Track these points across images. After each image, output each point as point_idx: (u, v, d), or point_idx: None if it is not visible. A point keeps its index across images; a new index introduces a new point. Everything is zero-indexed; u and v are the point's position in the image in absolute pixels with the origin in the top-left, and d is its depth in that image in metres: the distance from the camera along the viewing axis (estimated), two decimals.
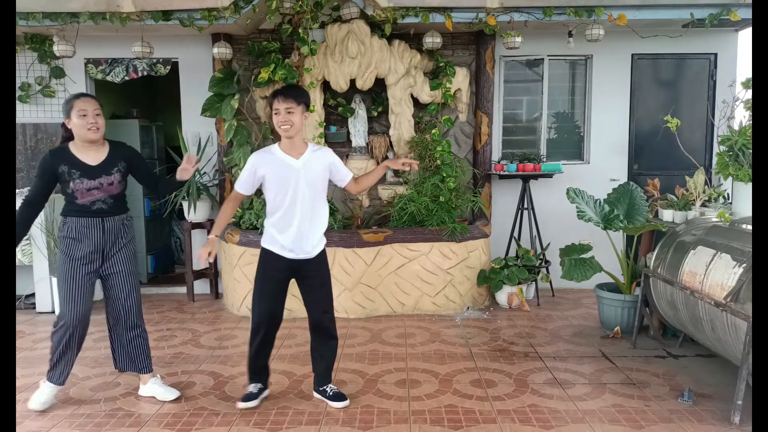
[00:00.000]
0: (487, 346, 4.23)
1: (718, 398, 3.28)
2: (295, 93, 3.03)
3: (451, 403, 3.26)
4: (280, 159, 3.05)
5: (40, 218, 5.14)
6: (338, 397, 3.24)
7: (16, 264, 5.24)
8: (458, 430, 2.93)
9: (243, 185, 3.11)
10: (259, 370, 3.28)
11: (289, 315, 4.93)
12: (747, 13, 4.91)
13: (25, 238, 5.18)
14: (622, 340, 4.33)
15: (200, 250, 3.02)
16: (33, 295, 5.36)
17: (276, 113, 3.00)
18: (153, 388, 3.35)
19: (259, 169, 3.06)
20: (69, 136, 3.16)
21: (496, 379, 3.59)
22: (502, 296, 5.25)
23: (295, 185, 3.02)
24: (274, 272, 3.13)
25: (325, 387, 3.29)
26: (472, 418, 3.07)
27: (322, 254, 3.19)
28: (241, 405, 3.20)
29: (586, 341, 4.34)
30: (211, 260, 3.03)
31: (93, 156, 3.14)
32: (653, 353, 4.05)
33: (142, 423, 3.05)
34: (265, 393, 3.32)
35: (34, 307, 5.33)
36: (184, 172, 3.23)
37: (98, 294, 3.99)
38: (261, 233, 3.45)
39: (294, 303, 4.94)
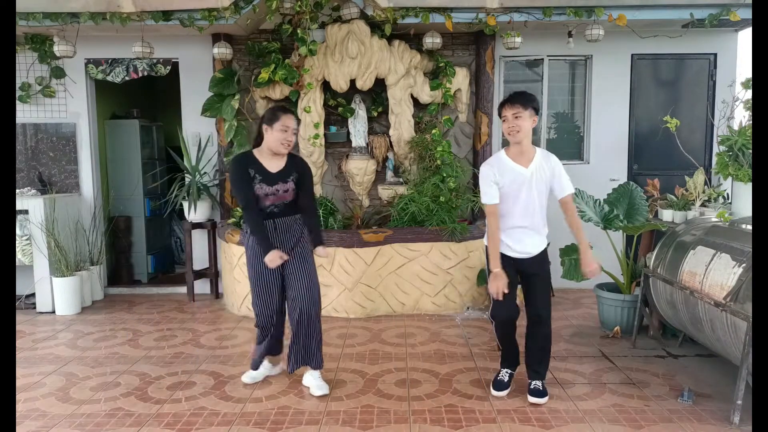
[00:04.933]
0: (487, 346, 4.23)
1: (718, 398, 3.29)
2: (522, 99, 3.05)
3: (451, 403, 3.26)
4: (509, 167, 3.10)
5: (40, 218, 5.14)
6: (537, 393, 3.24)
7: (17, 264, 5.24)
8: (458, 430, 2.93)
9: (492, 196, 3.12)
10: (513, 357, 3.43)
11: None
12: (747, 13, 4.92)
13: (25, 237, 5.20)
14: (621, 340, 4.33)
15: (494, 286, 3.09)
16: (33, 295, 5.36)
17: (504, 120, 3.07)
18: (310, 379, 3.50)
19: (496, 177, 3.11)
20: (260, 141, 3.35)
21: None
22: None
23: (527, 191, 3.09)
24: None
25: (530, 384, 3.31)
26: (472, 418, 3.07)
27: (545, 251, 3.24)
28: (496, 393, 3.31)
29: (586, 341, 4.34)
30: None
31: (274, 164, 3.31)
32: (653, 353, 4.05)
33: (142, 423, 3.05)
34: (513, 375, 3.43)
35: (34, 307, 5.33)
36: (320, 253, 3.46)
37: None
38: None
39: None
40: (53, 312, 5.27)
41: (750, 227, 3.32)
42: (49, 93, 5.66)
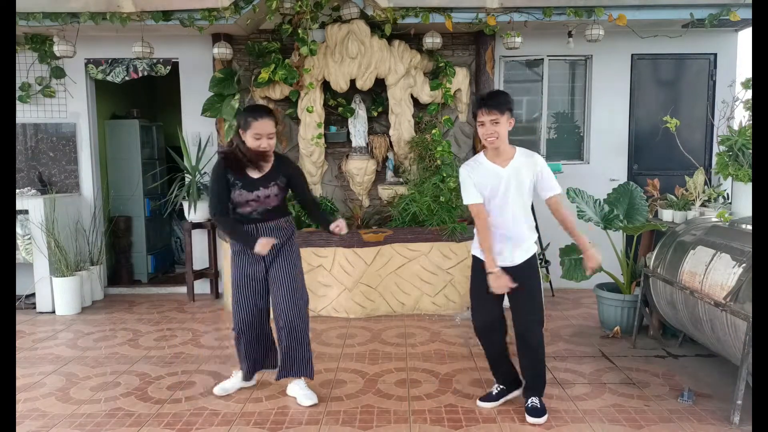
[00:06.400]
0: None
1: (717, 398, 3.29)
2: (499, 103, 2.90)
3: (451, 403, 3.26)
4: (486, 168, 2.99)
5: (40, 218, 5.14)
6: (533, 412, 3.03)
7: (20, 261, 5.24)
8: (458, 430, 2.93)
9: (474, 195, 3.00)
10: (502, 374, 3.25)
11: None
12: (747, 13, 4.92)
13: (27, 236, 5.20)
14: (621, 340, 4.33)
15: (497, 286, 2.92)
16: (33, 295, 5.36)
17: (481, 125, 2.93)
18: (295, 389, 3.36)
19: (473, 179, 3.00)
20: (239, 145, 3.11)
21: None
22: None
23: (504, 193, 2.96)
24: (482, 278, 3.03)
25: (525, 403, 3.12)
26: (472, 418, 3.07)
27: (529, 261, 3.04)
28: (480, 404, 3.20)
29: (585, 341, 4.34)
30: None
31: (257, 168, 3.13)
32: (653, 353, 4.05)
33: (142, 423, 3.05)
34: (513, 394, 3.25)
35: (34, 307, 5.33)
36: (336, 229, 3.19)
37: None
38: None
39: None
40: (53, 312, 5.27)
41: (750, 227, 3.32)
42: (49, 93, 5.66)
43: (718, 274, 3.17)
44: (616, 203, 4.52)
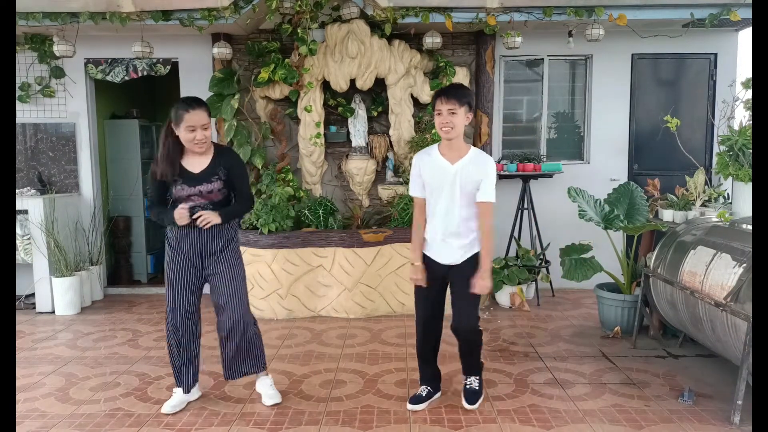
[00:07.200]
0: (488, 346, 4.22)
1: (718, 398, 3.28)
2: (459, 94, 2.91)
3: (451, 403, 3.26)
4: (436, 162, 3.00)
5: (40, 218, 5.14)
6: (469, 395, 3.21)
7: (19, 262, 5.24)
8: (458, 430, 2.93)
9: (416, 189, 3.09)
10: (428, 375, 3.31)
11: (289, 315, 4.95)
12: (747, 13, 4.92)
13: (26, 237, 5.20)
14: (622, 340, 4.33)
15: (413, 276, 3.07)
16: (33, 295, 5.36)
17: (438, 114, 2.93)
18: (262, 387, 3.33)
19: (421, 170, 3.04)
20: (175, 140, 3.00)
21: (496, 379, 3.59)
22: (502, 296, 5.24)
23: (450, 190, 2.95)
24: (428, 276, 3.10)
25: (464, 381, 3.32)
26: (472, 418, 3.07)
27: (474, 258, 3.04)
28: (410, 407, 3.19)
29: (586, 341, 4.34)
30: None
31: (197, 162, 3.05)
32: (653, 353, 4.05)
33: (142, 423, 3.05)
34: (435, 396, 3.31)
35: (34, 307, 5.33)
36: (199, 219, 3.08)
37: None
38: (260, 233, 3.38)
39: (293, 303, 4.96)
40: (53, 312, 5.26)
41: (750, 227, 3.32)
42: (48, 93, 5.66)
43: (718, 274, 3.17)
44: (617, 203, 4.52)
